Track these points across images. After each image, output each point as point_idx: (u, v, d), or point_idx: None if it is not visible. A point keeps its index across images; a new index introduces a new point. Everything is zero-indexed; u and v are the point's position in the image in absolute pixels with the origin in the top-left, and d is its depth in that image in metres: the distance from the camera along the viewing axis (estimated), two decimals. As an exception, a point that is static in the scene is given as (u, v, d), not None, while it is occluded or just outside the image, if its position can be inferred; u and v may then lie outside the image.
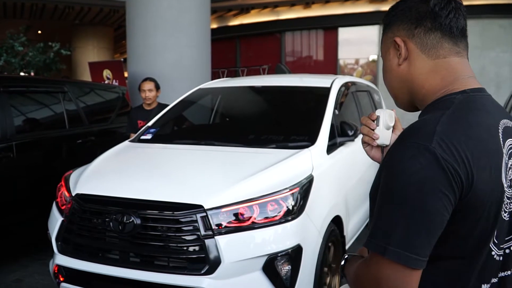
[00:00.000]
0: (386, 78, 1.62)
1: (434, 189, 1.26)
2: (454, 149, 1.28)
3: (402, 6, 1.54)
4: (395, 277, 1.29)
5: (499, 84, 14.57)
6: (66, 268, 3.87)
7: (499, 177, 1.35)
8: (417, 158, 1.28)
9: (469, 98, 1.42)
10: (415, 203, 1.27)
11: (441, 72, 1.49)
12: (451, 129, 1.32)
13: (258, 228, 3.51)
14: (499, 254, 1.41)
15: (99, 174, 4.36)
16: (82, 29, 23.18)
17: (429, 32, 1.48)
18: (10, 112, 5.73)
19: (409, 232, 1.27)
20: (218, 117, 6.31)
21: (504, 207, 1.38)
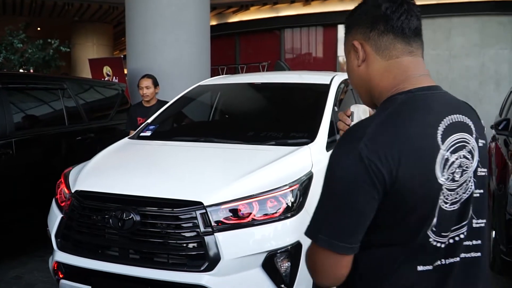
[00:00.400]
0: (350, 78, 1.75)
1: (358, 185, 1.42)
2: (379, 149, 1.41)
3: (359, 10, 1.66)
4: (327, 262, 1.49)
5: (498, 81, 14.56)
6: (65, 264, 3.88)
7: (432, 171, 1.46)
8: (345, 158, 1.44)
9: (412, 98, 1.54)
10: (341, 197, 1.44)
11: (393, 72, 1.60)
12: (380, 131, 1.45)
13: (257, 225, 3.52)
14: (441, 242, 1.51)
15: (98, 171, 4.36)
16: (82, 26, 23.15)
17: (382, 34, 1.59)
18: (9, 109, 5.73)
19: (337, 223, 1.45)
20: (217, 114, 6.31)
21: (444, 198, 1.49)
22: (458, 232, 1.55)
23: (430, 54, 15.17)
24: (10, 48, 14.23)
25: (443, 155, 1.47)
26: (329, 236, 1.45)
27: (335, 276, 1.51)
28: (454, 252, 1.55)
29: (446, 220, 1.51)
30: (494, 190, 5.98)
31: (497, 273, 5.57)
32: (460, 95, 7.11)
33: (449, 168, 1.49)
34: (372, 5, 1.61)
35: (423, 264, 1.52)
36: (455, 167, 1.50)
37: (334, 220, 1.46)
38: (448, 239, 1.53)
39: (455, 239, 1.55)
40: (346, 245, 1.45)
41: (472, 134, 1.55)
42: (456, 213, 1.53)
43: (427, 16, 15.06)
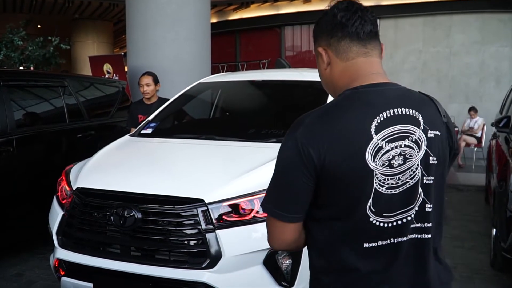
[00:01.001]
0: (321, 80, 1.96)
1: (292, 166, 1.70)
2: (313, 137, 1.66)
3: (321, 22, 1.88)
4: (274, 228, 1.80)
5: (498, 79, 14.55)
6: (66, 262, 3.88)
7: (363, 157, 1.65)
8: (287, 142, 1.72)
9: (355, 93, 1.75)
10: (281, 175, 1.75)
11: (349, 72, 1.81)
12: (316, 122, 1.70)
13: (259, 222, 3.51)
14: (385, 222, 1.71)
15: (99, 168, 4.36)
16: (82, 24, 23.11)
17: (340, 40, 1.81)
18: (10, 106, 5.73)
19: (277, 195, 1.76)
20: (218, 112, 6.31)
21: (379, 182, 1.68)
22: (406, 214, 1.73)
23: (430, 51, 15.17)
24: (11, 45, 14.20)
25: (375, 143, 1.66)
26: (273, 206, 1.76)
27: (281, 241, 1.82)
28: (402, 233, 1.73)
29: (385, 202, 1.69)
30: (495, 188, 5.99)
31: (497, 270, 5.58)
32: (461, 93, 7.20)
33: (382, 156, 1.67)
34: (331, 15, 1.83)
35: (369, 242, 1.72)
36: (392, 154, 1.68)
37: (276, 193, 1.77)
38: (396, 220, 1.72)
39: (402, 221, 1.73)
40: (285, 214, 1.74)
41: (418, 125, 1.72)
42: (401, 196, 1.71)
43: (428, 13, 15.06)
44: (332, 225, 1.74)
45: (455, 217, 8.02)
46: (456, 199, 9.40)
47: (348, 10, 1.81)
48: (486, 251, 6.25)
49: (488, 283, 5.35)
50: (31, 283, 5.25)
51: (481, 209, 8.57)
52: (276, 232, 1.80)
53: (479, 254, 6.22)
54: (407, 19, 15.39)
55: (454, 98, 14.84)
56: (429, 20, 15.19)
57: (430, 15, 15.07)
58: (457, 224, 7.62)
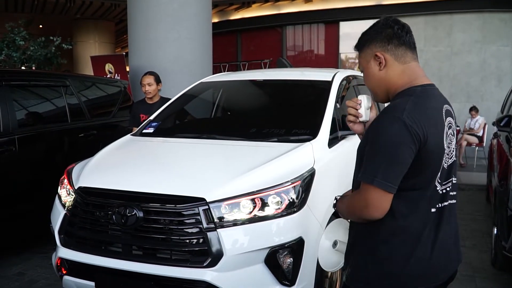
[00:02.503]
0: (369, 82, 2.36)
1: (403, 144, 2.04)
2: (416, 119, 2.06)
3: (372, 32, 2.30)
4: (379, 199, 2.10)
5: (500, 78, 14.56)
6: (68, 261, 3.89)
7: (442, 140, 2.16)
8: (394, 124, 2.06)
9: (424, 90, 2.21)
10: (391, 152, 2.06)
11: (408, 73, 2.26)
12: (414, 108, 2.09)
13: (260, 221, 3.53)
14: (441, 190, 2.21)
15: (101, 167, 4.37)
16: (84, 23, 23.15)
17: (397, 46, 2.24)
18: (12, 105, 5.75)
19: (387, 170, 2.06)
20: (219, 111, 6.31)
21: (445, 159, 2.19)
22: (448, 184, 2.26)
23: (431, 50, 15.17)
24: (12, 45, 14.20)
25: (445, 129, 2.18)
26: (382, 179, 2.06)
27: (383, 209, 2.13)
28: (445, 198, 2.25)
29: (444, 174, 2.21)
30: (496, 187, 5.99)
31: (498, 269, 5.59)
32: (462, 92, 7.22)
33: (446, 139, 2.19)
34: (385, 26, 2.26)
35: (433, 207, 2.20)
36: (449, 139, 2.22)
37: (387, 168, 2.06)
38: (445, 188, 2.23)
39: (446, 189, 2.25)
40: (393, 186, 2.08)
41: (454, 118, 2.29)
42: (448, 170, 2.24)
43: (429, 13, 15.06)
44: (412, 194, 2.15)
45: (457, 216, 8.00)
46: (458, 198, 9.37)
47: (399, 24, 2.27)
48: (487, 250, 6.26)
49: (489, 282, 5.36)
50: (33, 282, 5.26)
51: (482, 208, 8.58)
52: (380, 201, 2.11)
53: (480, 253, 6.23)
54: (408, 18, 15.35)
55: (455, 97, 14.84)
56: (430, 20, 15.19)
57: (431, 15, 15.08)
58: (458, 223, 7.57)
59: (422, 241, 2.17)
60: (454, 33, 14.95)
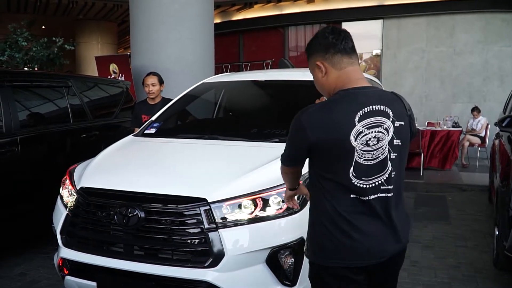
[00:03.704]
0: (317, 86, 2.65)
1: (296, 138, 2.47)
2: (310, 121, 2.38)
3: (314, 42, 2.56)
4: (282, 169, 2.82)
5: (502, 78, 14.53)
6: (70, 261, 3.90)
7: (348, 138, 2.34)
8: (294, 122, 2.45)
9: (346, 93, 2.44)
10: (288, 143, 2.57)
11: (342, 78, 2.49)
12: (316, 111, 2.40)
13: (261, 221, 3.54)
14: (364, 184, 2.42)
15: (103, 168, 4.38)
16: (86, 24, 23.16)
17: (333, 54, 2.48)
18: (14, 106, 5.76)
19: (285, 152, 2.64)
20: (221, 112, 6.32)
21: (358, 156, 2.37)
22: (379, 179, 2.44)
23: (433, 51, 15.16)
24: (15, 46, 14.23)
25: (357, 129, 2.35)
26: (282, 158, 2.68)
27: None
28: (375, 191, 2.44)
29: (363, 170, 2.40)
30: (498, 187, 5.99)
31: (500, 269, 5.59)
32: (464, 92, 7.27)
33: (362, 138, 2.36)
34: (322, 37, 2.52)
35: (354, 194, 2.42)
36: (369, 137, 2.38)
37: (285, 151, 2.63)
38: (372, 182, 2.43)
39: (376, 183, 2.44)
40: (287, 163, 2.70)
41: (388, 117, 2.42)
42: (375, 167, 2.42)
43: (431, 13, 15.05)
44: (330, 182, 2.45)
45: (459, 217, 8.02)
46: (460, 199, 9.40)
47: (334, 33, 2.51)
48: (489, 250, 6.26)
49: (491, 282, 5.35)
50: (35, 282, 5.27)
51: (485, 209, 8.56)
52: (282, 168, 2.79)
53: (482, 253, 6.22)
54: (411, 18, 15.38)
55: (458, 98, 14.83)
56: (432, 20, 15.17)
57: (434, 15, 15.05)
58: (460, 223, 7.62)
59: (339, 225, 2.46)
60: (456, 34, 14.93)
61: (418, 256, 5.98)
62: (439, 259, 5.99)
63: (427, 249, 6.32)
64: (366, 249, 2.48)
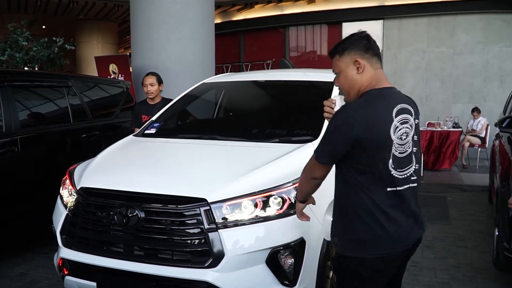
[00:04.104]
0: (345, 82, 2.81)
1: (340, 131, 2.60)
2: (355, 116, 2.57)
3: (353, 41, 2.78)
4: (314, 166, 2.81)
5: (502, 78, 14.53)
6: (70, 261, 3.90)
7: (388, 132, 2.61)
8: (337, 117, 2.65)
9: (380, 93, 2.70)
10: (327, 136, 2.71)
11: (375, 77, 2.76)
12: (359, 107, 2.62)
13: (261, 221, 3.54)
14: (400, 174, 2.69)
15: (103, 168, 4.38)
16: (86, 24, 23.17)
17: (371, 56, 2.75)
18: (14, 106, 5.76)
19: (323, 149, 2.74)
20: (221, 112, 6.32)
21: (395, 149, 2.64)
22: (408, 170, 2.73)
23: (434, 51, 15.16)
24: (15, 46, 14.22)
25: (395, 124, 2.63)
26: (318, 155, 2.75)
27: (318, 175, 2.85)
28: (407, 182, 2.73)
29: (399, 161, 2.67)
30: (498, 187, 5.99)
31: (500, 270, 5.58)
32: (464, 92, 7.32)
33: (398, 132, 2.64)
34: (362, 39, 2.77)
35: (390, 187, 2.66)
36: (402, 132, 2.67)
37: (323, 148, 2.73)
38: (405, 173, 2.71)
39: (407, 174, 2.72)
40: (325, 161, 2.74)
41: (412, 115, 2.73)
42: (406, 158, 2.71)
43: (432, 13, 15.05)
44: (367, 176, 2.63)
45: (459, 217, 8.02)
46: (460, 199, 9.39)
47: (370, 39, 2.78)
48: (489, 250, 6.26)
49: (491, 282, 5.35)
50: (35, 283, 5.27)
51: (485, 209, 8.56)
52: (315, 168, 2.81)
53: (482, 253, 6.22)
54: (411, 19, 15.38)
55: (458, 98, 14.83)
56: (433, 20, 15.18)
57: (434, 15, 15.06)
58: (460, 224, 7.61)
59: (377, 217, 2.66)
60: (457, 34, 14.94)
61: (419, 256, 5.97)
62: (440, 260, 5.99)
63: (427, 249, 6.32)
64: (398, 237, 2.72)
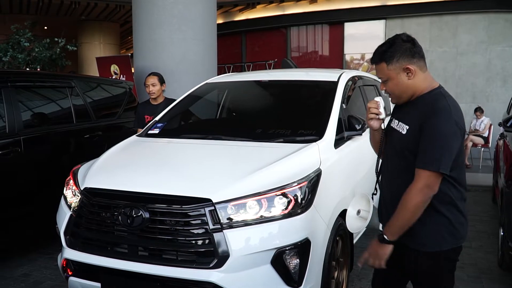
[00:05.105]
0: (398, 89, 2.89)
1: (457, 139, 2.69)
2: (459, 117, 2.72)
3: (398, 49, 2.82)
4: (436, 181, 2.74)
5: (505, 78, 14.51)
6: (74, 262, 3.88)
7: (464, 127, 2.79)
8: (451, 124, 2.67)
9: (445, 91, 2.85)
10: (448, 144, 2.70)
11: (427, 79, 2.89)
12: (456, 108, 2.75)
13: (266, 221, 3.52)
14: None
15: (107, 168, 4.36)
16: (88, 25, 23.20)
17: (419, 59, 2.85)
18: (17, 107, 5.75)
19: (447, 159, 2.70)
20: (225, 112, 6.31)
21: None
22: None
23: (437, 51, 15.14)
24: (17, 46, 14.23)
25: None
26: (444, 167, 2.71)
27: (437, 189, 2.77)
28: None
29: None
30: (502, 187, 5.97)
31: (505, 270, 5.57)
32: (467, 92, 7.36)
33: None
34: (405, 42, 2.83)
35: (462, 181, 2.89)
36: None
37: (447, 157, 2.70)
38: None
39: None
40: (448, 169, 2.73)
41: None
42: None
43: (434, 13, 15.03)
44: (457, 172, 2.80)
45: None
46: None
47: (415, 40, 2.87)
48: (494, 251, 6.24)
49: (496, 283, 5.34)
50: (39, 283, 5.27)
51: (489, 209, 8.55)
52: (437, 183, 2.72)
53: (487, 254, 6.20)
54: (414, 19, 15.37)
55: (461, 98, 14.81)
56: (435, 20, 15.17)
57: (437, 15, 15.05)
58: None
59: (464, 202, 2.95)
60: (459, 34, 14.92)
61: (423, 256, 5.94)
62: (444, 260, 5.95)
63: (431, 249, 6.28)
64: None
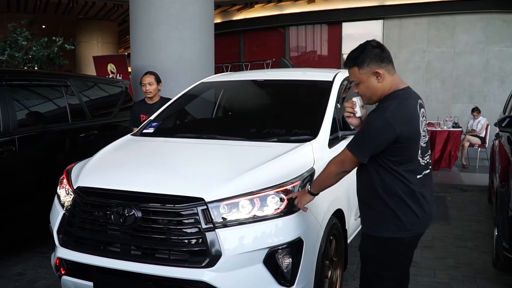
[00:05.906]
0: (368, 91, 3.17)
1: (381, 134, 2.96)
2: (395, 117, 2.94)
3: (368, 54, 3.10)
4: (350, 161, 3.17)
5: (502, 79, 14.54)
6: (67, 261, 3.87)
7: (418, 127, 3.07)
8: (377, 121, 2.98)
9: (404, 93, 3.13)
10: (370, 136, 3.03)
11: (394, 82, 3.15)
12: (396, 109, 2.99)
13: (259, 221, 3.51)
14: (424, 161, 3.16)
15: (101, 167, 4.36)
16: (86, 24, 23.18)
17: (387, 64, 3.12)
18: (12, 105, 5.75)
19: (363, 147, 3.07)
20: (220, 111, 6.30)
21: (421, 140, 3.11)
22: (428, 157, 3.24)
23: (434, 51, 15.16)
24: (15, 45, 14.20)
25: (420, 119, 3.11)
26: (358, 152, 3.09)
27: (349, 168, 3.23)
28: (427, 167, 3.23)
29: (423, 151, 3.14)
30: (497, 187, 5.97)
31: (499, 270, 5.57)
32: (465, 92, 7.38)
33: (422, 125, 3.12)
34: (379, 49, 3.12)
35: (418, 174, 3.14)
36: (424, 124, 3.16)
37: (363, 146, 3.06)
38: (426, 160, 3.19)
39: (427, 161, 3.21)
40: (363, 157, 3.08)
41: (424, 108, 3.23)
42: (426, 147, 3.20)
43: (432, 13, 15.05)
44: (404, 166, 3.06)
45: (458, 217, 8.00)
46: (460, 199, 9.38)
47: (383, 46, 3.17)
48: (489, 251, 6.24)
49: (490, 282, 5.34)
50: (33, 282, 5.26)
51: (484, 209, 8.55)
52: (350, 163, 3.16)
53: (482, 254, 6.21)
54: (411, 19, 15.39)
55: (458, 98, 14.83)
56: (433, 20, 15.18)
57: (434, 15, 15.07)
58: (460, 224, 7.60)
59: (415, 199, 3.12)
60: (457, 34, 14.94)
61: (418, 256, 5.95)
62: (439, 260, 5.97)
63: (427, 249, 6.31)
64: (429, 216, 3.22)
